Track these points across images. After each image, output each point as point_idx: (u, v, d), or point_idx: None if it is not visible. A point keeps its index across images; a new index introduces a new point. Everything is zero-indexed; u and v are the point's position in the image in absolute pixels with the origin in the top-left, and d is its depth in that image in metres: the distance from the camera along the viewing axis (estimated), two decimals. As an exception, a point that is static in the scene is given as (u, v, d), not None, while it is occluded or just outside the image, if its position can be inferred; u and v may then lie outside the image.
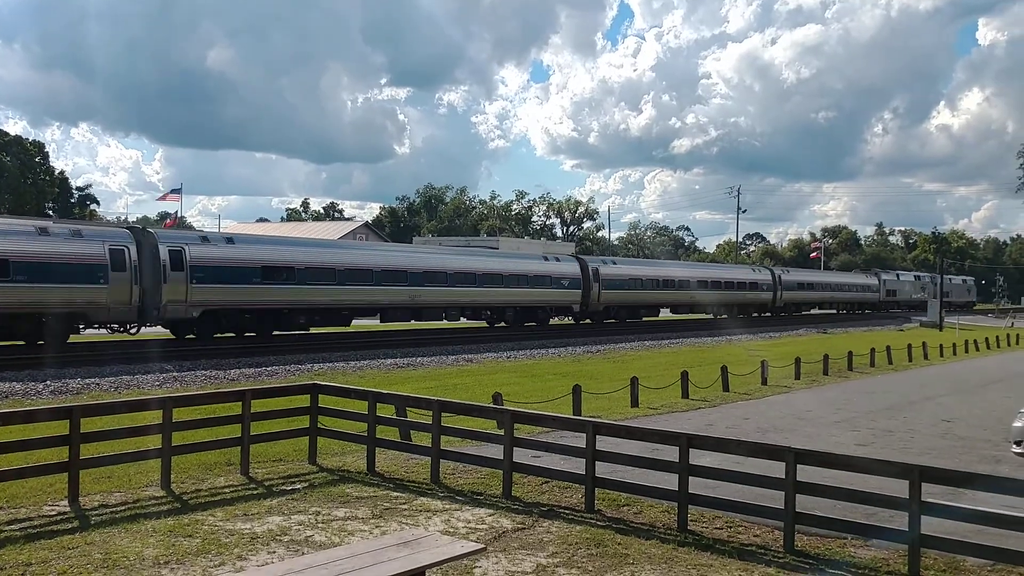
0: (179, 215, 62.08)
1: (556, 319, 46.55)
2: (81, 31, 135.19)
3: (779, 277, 64.17)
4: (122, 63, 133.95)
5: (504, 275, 40.75)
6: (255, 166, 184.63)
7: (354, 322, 36.23)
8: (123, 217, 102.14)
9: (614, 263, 50.84)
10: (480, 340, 34.86)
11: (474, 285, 38.72)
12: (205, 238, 30.97)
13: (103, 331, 28.96)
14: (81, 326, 27.59)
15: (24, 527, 8.83)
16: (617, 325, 47.41)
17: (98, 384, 19.88)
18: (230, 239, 31.81)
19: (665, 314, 56.30)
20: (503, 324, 42.58)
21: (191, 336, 29.80)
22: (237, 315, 30.62)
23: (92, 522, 9.05)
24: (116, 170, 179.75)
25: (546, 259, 45.14)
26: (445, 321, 39.62)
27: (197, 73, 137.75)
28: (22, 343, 25.48)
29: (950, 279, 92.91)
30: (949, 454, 13.91)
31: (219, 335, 30.24)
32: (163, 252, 27.81)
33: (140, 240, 27.73)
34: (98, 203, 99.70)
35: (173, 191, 58.35)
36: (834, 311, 74.19)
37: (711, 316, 56.21)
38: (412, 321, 37.90)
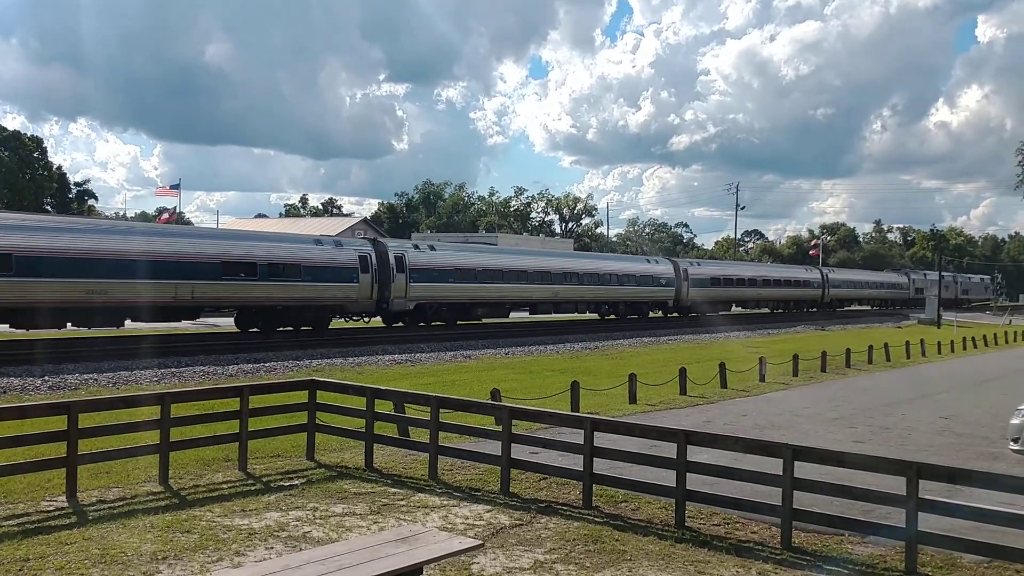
0: (177, 211, 61.99)
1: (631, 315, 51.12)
2: (79, 25, 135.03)
3: (827, 276, 71.65)
4: (120, 58, 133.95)
5: (620, 275, 48.60)
6: (253, 162, 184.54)
7: (484, 316, 41.86)
8: (121, 213, 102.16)
9: (699, 264, 59.69)
10: (478, 336, 34.90)
11: (599, 284, 46.56)
12: (416, 246, 38.12)
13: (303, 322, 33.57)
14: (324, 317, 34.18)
15: (22, 522, 8.83)
16: (616, 322, 47.64)
17: (96, 380, 19.87)
18: (432, 247, 39.06)
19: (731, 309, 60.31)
20: (613, 317, 48.96)
21: (399, 324, 37.22)
22: (436, 307, 38.15)
23: (90, 517, 9.05)
24: (114, 165, 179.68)
25: (648, 261, 54.00)
26: (575, 314, 48.17)
27: (195, 68, 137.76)
28: (295, 328, 32.89)
29: (968, 277, 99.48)
30: (946, 451, 13.92)
31: (420, 323, 37.48)
32: (391, 258, 35.21)
33: (375, 249, 35.23)
34: (96, 198, 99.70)
35: (172, 186, 58.29)
36: (869, 307, 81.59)
37: (769, 311, 63.78)
38: (553, 314, 46.56)
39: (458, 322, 38.92)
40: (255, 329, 32.37)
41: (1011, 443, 13.33)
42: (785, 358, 25.92)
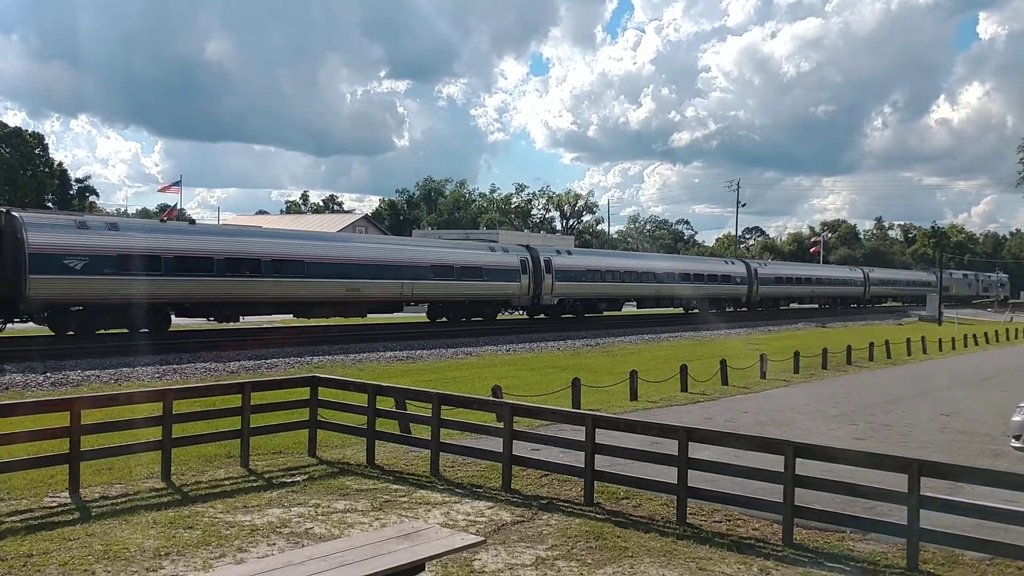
0: (179, 207, 62.03)
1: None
2: (79, 22, 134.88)
3: (868, 275, 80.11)
4: (120, 55, 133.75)
5: (707, 275, 56.66)
6: (254, 158, 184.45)
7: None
8: (123, 209, 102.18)
9: (766, 265, 68.19)
10: (480, 334, 34.93)
11: (690, 283, 54.02)
12: (558, 251, 45.35)
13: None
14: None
15: (25, 518, 8.85)
16: (618, 318, 47.90)
17: (98, 376, 19.89)
18: (569, 252, 47.13)
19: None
20: (696, 311, 54.22)
21: (542, 316, 44.63)
22: (573, 303, 45.59)
23: (93, 513, 9.07)
24: (115, 162, 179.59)
25: (726, 263, 63.41)
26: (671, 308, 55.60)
27: (195, 65, 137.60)
28: (467, 318, 40.51)
29: (988, 275, 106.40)
30: (948, 448, 13.93)
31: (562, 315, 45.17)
32: (542, 261, 42.63)
33: (530, 254, 42.42)
34: (97, 195, 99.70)
35: (174, 183, 58.33)
36: (900, 303, 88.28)
37: (817, 306, 72.58)
38: (654, 308, 54.51)
39: (585, 315, 46.85)
40: (443, 319, 40.28)
41: (1012, 440, 13.33)
42: (786, 355, 25.92)
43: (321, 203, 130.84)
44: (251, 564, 6.40)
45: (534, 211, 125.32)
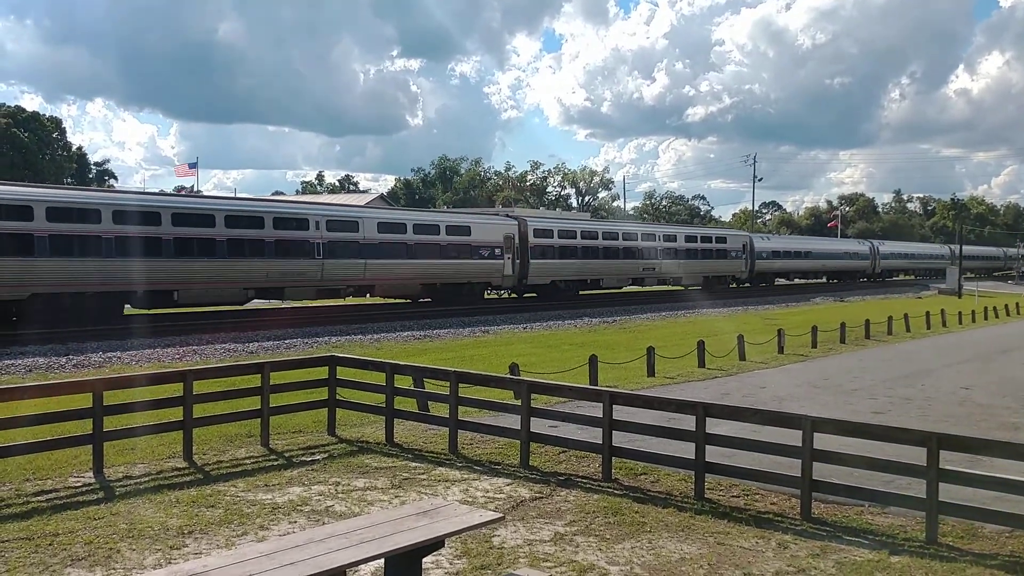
0: (195, 189, 62.19)
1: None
2: (92, 5, 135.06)
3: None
4: (133, 37, 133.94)
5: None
6: (268, 139, 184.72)
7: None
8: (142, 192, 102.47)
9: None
10: (496, 312, 34.96)
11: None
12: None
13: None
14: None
15: (50, 498, 8.98)
16: (634, 294, 47.80)
17: (119, 358, 20.08)
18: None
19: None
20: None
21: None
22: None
23: (117, 493, 9.20)
24: (132, 145, 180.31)
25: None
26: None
27: (208, 46, 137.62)
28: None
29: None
30: (967, 421, 13.87)
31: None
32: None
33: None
34: (116, 178, 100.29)
35: (190, 165, 58.47)
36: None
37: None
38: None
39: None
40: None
41: (1033, 413, 13.26)
42: (804, 330, 25.82)
43: (336, 183, 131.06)
44: (273, 542, 6.47)
45: (549, 188, 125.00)
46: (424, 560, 6.52)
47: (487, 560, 7.39)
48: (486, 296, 40.88)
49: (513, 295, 42.56)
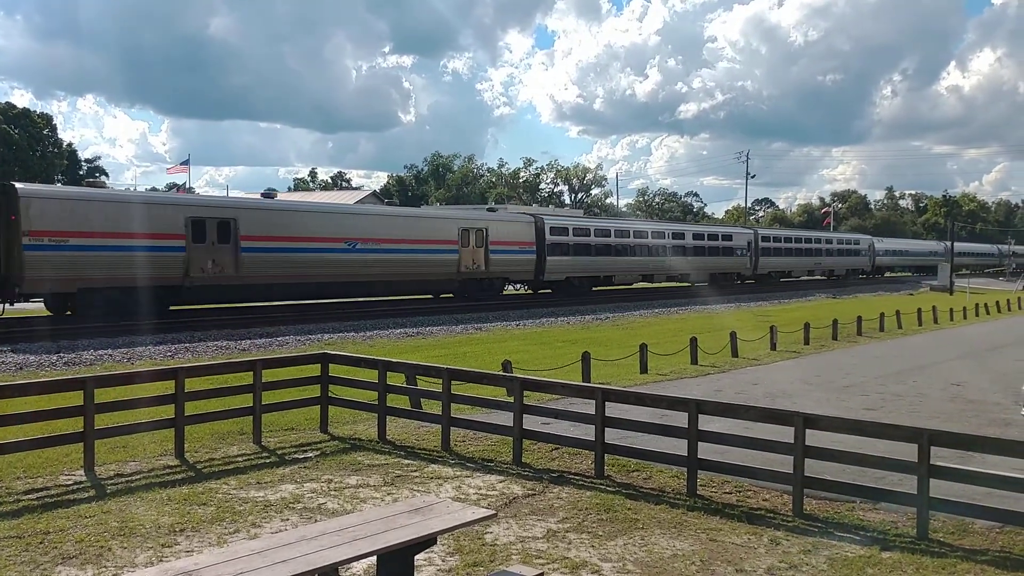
0: (187, 186, 62.03)
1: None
2: (82, 0, 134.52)
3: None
4: (124, 33, 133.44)
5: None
6: (260, 136, 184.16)
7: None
8: (132, 188, 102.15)
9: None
10: (489, 308, 34.95)
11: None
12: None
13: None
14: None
15: (41, 496, 8.95)
16: (629, 291, 47.86)
17: (111, 355, 20.02)
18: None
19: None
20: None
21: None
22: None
23: (108, 491, 9.17)
24: (123, 141, 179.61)
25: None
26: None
27: (199, 42, 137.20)
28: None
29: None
30: (958, 418, 13.92)
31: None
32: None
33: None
34: (107, 175, 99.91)
35: (182, 163, 58.27)
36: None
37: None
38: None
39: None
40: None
41: (1022, 409, 13.31)
42: (796, 327, 25.88)
43: (329, 180, 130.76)
44: (265, 539, 6.45)
45: (542, 185, 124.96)
46: (416, 557, 6.51)
47: (479, 557, 7.39)
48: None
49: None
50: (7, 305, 25.17)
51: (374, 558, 6.17)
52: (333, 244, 31.76)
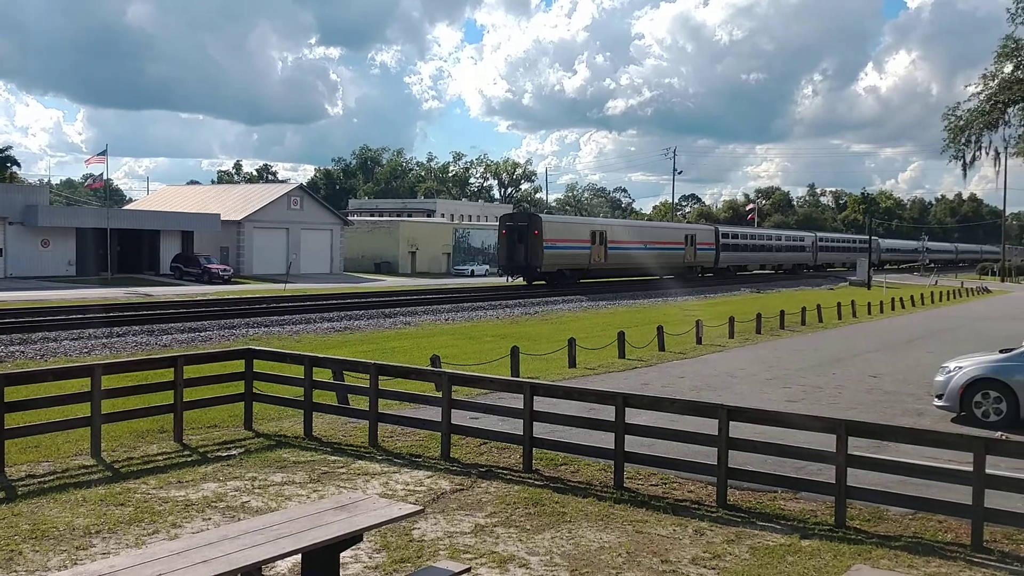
0: (105, 178, 60.09)
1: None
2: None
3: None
4: (36, 17, 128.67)
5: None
6: (182, 127, 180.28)
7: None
8: (45, 180, 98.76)
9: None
10: (417, 304, 34.79)
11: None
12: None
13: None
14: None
15: (-53, 500, 8.57)
16: (560, 287, 48.18)
17: (23, 352, 19.31)
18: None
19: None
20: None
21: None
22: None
23: (19, 493, 8.82)
24: (36, 131, 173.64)
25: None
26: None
27: (116, 29, 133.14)
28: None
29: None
30: (875, 408, 14.36)
31: None
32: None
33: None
34: (19, 165, 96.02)
35: (99, 153, 56.41)
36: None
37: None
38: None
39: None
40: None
41: (935, 399, 13.80)
42: (721, 321, 26.35)
43: (255, 172, 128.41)
44: (185, 540, 6.28)
45: (472, 179, 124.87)
46: (343, 555, 6.43)
47: (407, 553, 7.34)
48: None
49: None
50: (527, 282, 48.34)
51: (299, 556, 6.06)
52: (637, 245, 56.57)
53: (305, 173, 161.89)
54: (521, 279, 48.79)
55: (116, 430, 11.15)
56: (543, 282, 48.33)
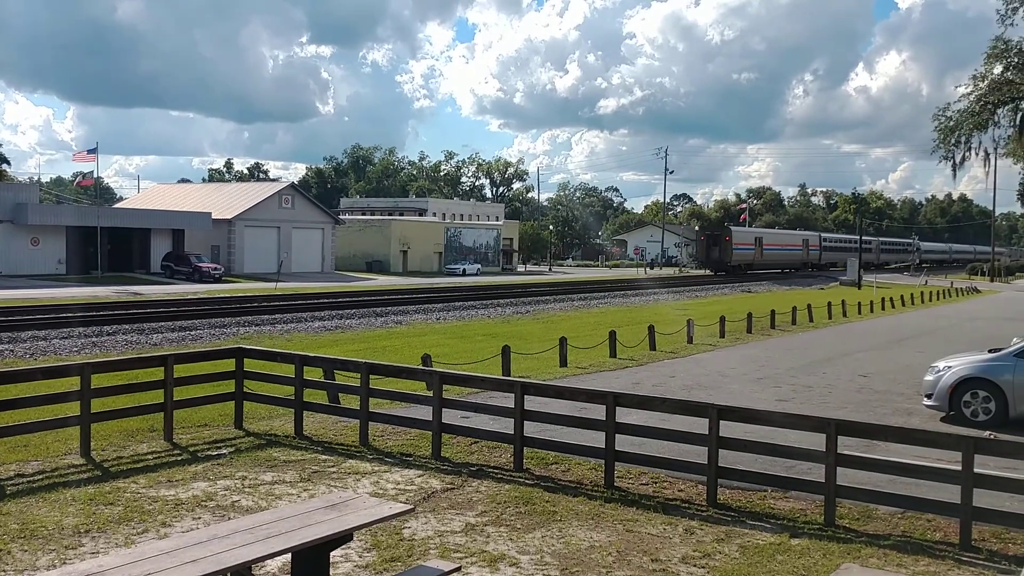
0: (95, 176, 59.88)
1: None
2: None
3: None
4: (25, 13, 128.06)
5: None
6: (173, 125, 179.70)
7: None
8: (35, 178, 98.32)
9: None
10: (408, 303, 34.77)
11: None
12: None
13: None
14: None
15: (-65, 499, 8.53)
16: (549, 285, 48.23)
17: (12, 351, 19.22)
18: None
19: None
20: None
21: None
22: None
23: (8, 492, 8.78)
24: (25, 128, 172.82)
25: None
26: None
27: (107, 26, 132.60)
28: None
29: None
30: (865, 408, 14.41)
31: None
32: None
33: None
34: (8, 163, 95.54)
35: (89, 151, 56.16)
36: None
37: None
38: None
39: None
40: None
41: (924, 399, 13.85)
42: (712, 320, 26.41)
43: (246, 171, 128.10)
44: (174, 539, 6.26)
45: (463, 179, 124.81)
46: (333, 554, 6.42)
47: (397, 552, 7.34)
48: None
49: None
50: (714, 272, 71.47)
51: (288, 556, 6.05)
52: (778, 247, 77.77)
53: (296, 171, 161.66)
54: (710, 271, 72.88)
55: (106, 429, 11.12)
56: (724, 272, 71.26)
